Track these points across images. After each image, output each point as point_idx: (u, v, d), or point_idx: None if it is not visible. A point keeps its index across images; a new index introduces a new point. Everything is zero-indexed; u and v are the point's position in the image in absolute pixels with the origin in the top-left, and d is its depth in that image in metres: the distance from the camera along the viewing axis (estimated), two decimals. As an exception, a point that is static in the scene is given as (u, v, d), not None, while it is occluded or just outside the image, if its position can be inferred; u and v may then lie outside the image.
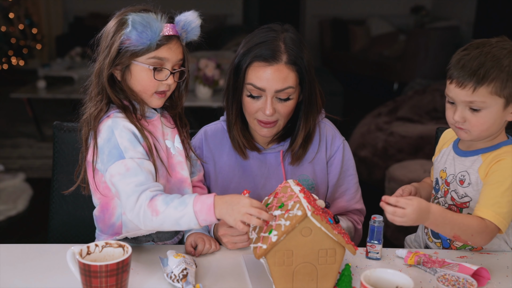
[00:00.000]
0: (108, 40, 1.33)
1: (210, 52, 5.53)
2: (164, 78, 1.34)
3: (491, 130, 1.32)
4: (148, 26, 1.27)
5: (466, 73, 1.27)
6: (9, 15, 6.45)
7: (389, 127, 3.95)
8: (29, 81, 5.52)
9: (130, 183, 1.24)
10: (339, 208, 1.60)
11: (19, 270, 1.27)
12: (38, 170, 4.31)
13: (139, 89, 1.35)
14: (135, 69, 1.33)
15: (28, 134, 5.21)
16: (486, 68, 1.25)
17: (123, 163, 1.27)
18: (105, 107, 1.34)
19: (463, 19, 6.76)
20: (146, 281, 1.23)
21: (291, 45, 1.42)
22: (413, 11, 7.69)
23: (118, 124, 1.31)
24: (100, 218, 1.41)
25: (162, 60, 1.32)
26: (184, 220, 1.19)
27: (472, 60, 1.27)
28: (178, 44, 1.35)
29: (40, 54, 7.29)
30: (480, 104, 1.28)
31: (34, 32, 6.82)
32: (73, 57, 5.89)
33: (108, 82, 1.33)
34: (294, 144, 1.53)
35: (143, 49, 1.29)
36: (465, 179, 1.38)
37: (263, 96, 1.43)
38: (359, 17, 7.75)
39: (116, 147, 1.28)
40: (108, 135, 1.30)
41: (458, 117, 1.31)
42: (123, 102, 1.36)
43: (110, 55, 1.31)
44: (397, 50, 7.07)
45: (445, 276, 1.17)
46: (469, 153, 1.39)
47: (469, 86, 1.27)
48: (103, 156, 1.30)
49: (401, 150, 3.71)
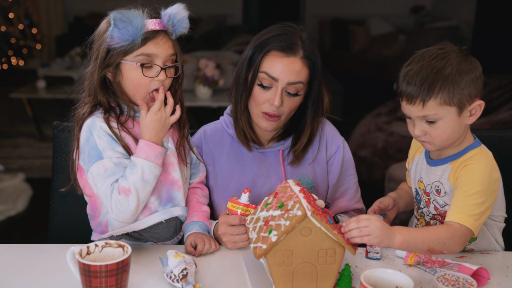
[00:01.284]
0: (97, 42, 1.34)
1: (209, 52, 5.53)
2: (155, 75, 1.32)
3: (453, 137, 1.31)
4: (128, 21, 1.26)
5: (412, 89, 1.26)
6: (9, 15, 6.45)
7: (389, 127, 3.95)
8: (29, 81, 5.53)
9: (106, 182, 1.29)
10: (340, 208, 1.61)
11: (19, 270, 1.27)
12: (38, 170, 4.32)
13: (131, 89, 1.34)
14: (124, 68, 1.33)
15: (28, 134, 5.21)
16: (429, 82, 1.25)
17: (101, 163, 1.30)
18: (90, 108, 1.36)
19: (463, 19, 6.76)
20: (146, 281, 1.23)
21: (308, 42, 1.45)
22: (413, 11, 7.69)
23: (95, 125, 1.33)
24: (91, 216, 1.44)
25: (150, 56, 1.31)
26: (146, 173, 1.28)
27: (415, 76, 1.26)
28: (166, 38, 1.34)
29: (40, 54, 7.29)
30: (434, 116, 1.28)
31: (34, 32, 6.82)
32: (72, 57, 5.89)
33: (101, 84, 1.34)
34: (299, 144, 1.53)
35: (128, 46, 1.29)
36: (440, 189, 1.37)
37: (273, 87, 1.44)
38: (359, 17, 7.76)
39: (94, 148, 1.31)
40: (87, 135, 1.33)
41: (418, 132, 1.32)
42: (111, 103, 1.37)
43: (100, 56, 1.32)
44: (396, 50, 7.08)
45: (445, 276, 1.17)
46: (439, 162, 1.38)
47: (418, 101, 1.26)
48: (84, 156, 1.33)
49: (401, 150, 3.71)
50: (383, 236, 1.17)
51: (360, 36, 7.50)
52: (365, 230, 1.16)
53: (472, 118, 1.31)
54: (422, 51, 1.31)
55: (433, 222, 1.42)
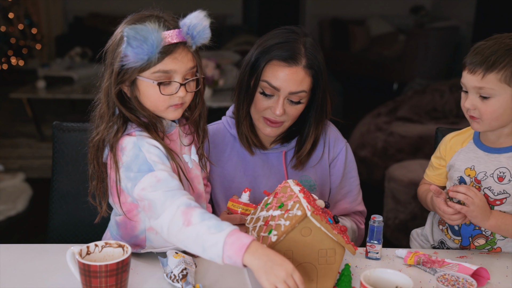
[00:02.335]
0: (112, 55, 1.23)
1: (209, 52, 5.53)
2: (174, 92, 1.22)
3: (502, 120, 1.33)
4: (143, 40, 1.14)
5: (478, 59, 1.29)
6: (8, 15, 6.44)
7: (388, 127, 3.95)
8: (29, 81, 5.52)
9: (162, 190, 1.15)
10: (342, 210, 1.61)
11: (18, 270, 1.27)
12: (38, 170, 4.31)
13: (149, 105, 1.25)
14: (141, 84, 1.22)
15: (28, 134, 5.21)
16: (497, 56, 1.27)
17: (153, 174, 1.17)
18: (122, 127, 1.24)
19: (463, 19, 6.76)
20: (146, 281, 1.23)
21: (311, 50, 1.42)
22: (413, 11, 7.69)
23: (143, 141, 1.22)
24: (121, 225, 1.34)
25: (168, 73, 1.20)
26: (209, 245, 1.05)
27: (486, 48, 1.30)
28: (185, 51, 1.22)
29: (39, 54, 7.29)
30: (489, 91, 1.29)
31: (34, 32, 6.81)
32: (72, 57, 5.89)
33: (119, 100, 1.23)
34: (302, 150, 1.53)
35: (144, 64, 1.18)
36: (505, 176, 1.37)
37: (275, 96, 1.43)
38: (359, 17, 7.75)
39: (145, 163, 1.19)
40: (135, 152, 1.21)
41: (468, 104, 1.33)
42: (142, 119, 1.25)
43: (114, 72, 1.21)
44: (396, 50, 7.07)
45: (445, 276, 1.17)
46: (503, 149, 1.38)
47: (479, 72, 1.29)
48: (130, 173, 1.20)
49: (401, 150, 3.71)
50: (480, 214, 1.33)
51: (360, 36, 7.49)
52: (470, 200, 1.31)
53: None
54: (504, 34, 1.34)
55: None
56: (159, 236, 1.29)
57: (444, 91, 4.26)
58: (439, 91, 4.28)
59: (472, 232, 1.43)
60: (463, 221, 1.38)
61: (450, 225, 1.47)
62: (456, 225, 1.44)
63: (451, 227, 1.47)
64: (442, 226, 1.51)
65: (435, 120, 4.04)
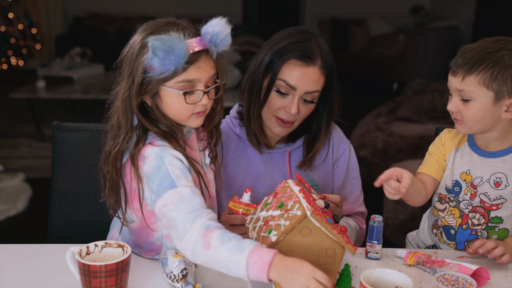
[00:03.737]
0: (131, 64, 1.20)
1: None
2: (197, 100, 1.21)
3: (484, 123, 1.32)
4: (170, 50, 1.13)
5: (460, 62, 1.30)
6: (8, 15, 6.44)
7: (388, 127, 3.95)
8: (29, 81, 5.52)
9: (184, 209, 1.13)
10: (343, 211, 1.60)
11: (18, 270, 1.26)
12: (38, 170, 4.31)
13: (172, 114, 1.23)
14: (165, 94, 1.20)
15: (28, 134, 5.21)
16: (477, 58, 1.27)
17: (176, 191, 1.15)
18: (143, 137, 1.22)
19: (463, 19, 6.76)
20: (145, 281, 1.23)
21: (325, 50, 1.44)
22: (413, 11, 7.69)
23: (166, 152, 1.20)
24: (135, 232, 1.33)
25: (192, 82, 1.19)
26: (233, 267, 1.07)
27: (469, 51, 1.30)
28: (208, 59, 1.21)
29: (39, 54, 7.29)
30: (469, 94, 1.29)
31: (34, 32, 6.81)
32: (72, 57, 5.89)
33: (140, 111, 1.21)
34: (314, 150, 1.53)
35: (169, 75, 1.16)
36: (502, 181, 1.36)
37: (290, 95, 1.43)
38: (359, 17, 7.75)
39: (167, 176, 1.17)
40: (157, 163, 1.19)
41: (451, 107, 1.34)
42: (162, 129, 1.23)
43: (136, 83, 1.18)
44: (396, 50, 7.07)
45: (445, 276, 1.17)
46: (497, 153, 1.37)
47: (459, 73, 1.30)
48: (152, 185, 1.19)
49: (401, 150, 3.72)
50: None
51: (359, 36, 7.49)
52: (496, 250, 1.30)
53: (509, 115, 1.30)
54: (492, 37, 1.33)
55: (471, 215, 1.41)
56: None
57: (444, 91, 4.25)
58: (439, 91, 4.29)
59: (468, 237, 1.42)
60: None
61: (445, 230, 1.47)
62: (453, 230, 1.44)
63: (446, 232, 1.47)
64: (436, 230, 1.50)
65: (435, 120, 4.04)
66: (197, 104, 1.22)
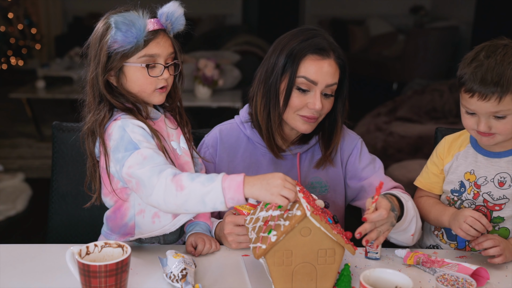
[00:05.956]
0: (96, 46, 1.32)
1: (209, 52, 5.53)
2: (159, 74, 1.33)
3: None
4: (131, 24, 1.26)
5: (489, 86, 1.26)
6: (8, 15, 6.44)
7: (388, 127, 3.95)
8: (28, 81, 5.52)
9: (148, 166, 1.21)
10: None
11: (18, 270, 1.27)
12: (37, 170, 4.31)
13: (137, 90, 1.34)
14: (128, 71, 1.32)
15: (27, 134, 5.21)
16: (507, 77, 1.26)
17: (139, 152, 1.24)
18: (108, 113, 1.33)
19: (462, 19, 6.76)
20: (145, 281, 1.23)
21: (335, 43, 1.47)
22: (412, 11, 7.69)
23: (128, 122, 1.30)
24: (111, 217, 1.40)
25: (153, 57, 1.32)
26: (210, 197, 1.13)
27: (489, 72, 1.27)
28: (165, 37, 1.34)
29: (39, 54, 7.29)
30: (506, 112, 1.29)
31: (33, 32, 6.81)
32: (72, 57, 5.89)
33: (106, 89, 1.32)
34: (332, 146, 1.54)
35: (132, 48, 1.29)
36: (506, 181, 1.37)
37: (311, 91, 1.44)
38: (359, 17, 7.76)
39: (130, 142, 1.27)
40: (121, 133, 1.29)
41: (484, 128, 1.32)
42: (126, 105, 1.35)
43: (101, 61, 1.30)
44: (396, 50, 7.08)
45: (444, 276, 1.17)
46: (503, 153, 1.39)
47: (494, 97, 1.27)
48: (118, 155, 1.27)
49: (401, 150, 3.72)
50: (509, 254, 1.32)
51: (359, 36, 7.50)
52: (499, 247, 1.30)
53: None
54: (484, 45, 1.32)
55: None
56: (146, 220, 1.36)
57: (443, 91, 4.26)
58: (438, 91, 4.29)
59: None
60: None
61: (446, 230, 1.47)
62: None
63: (447, 232, 1.47)
64: (437, 231, 1.51)
65: (434, 120, 4.04)
66: (159, 79, 1.33)
